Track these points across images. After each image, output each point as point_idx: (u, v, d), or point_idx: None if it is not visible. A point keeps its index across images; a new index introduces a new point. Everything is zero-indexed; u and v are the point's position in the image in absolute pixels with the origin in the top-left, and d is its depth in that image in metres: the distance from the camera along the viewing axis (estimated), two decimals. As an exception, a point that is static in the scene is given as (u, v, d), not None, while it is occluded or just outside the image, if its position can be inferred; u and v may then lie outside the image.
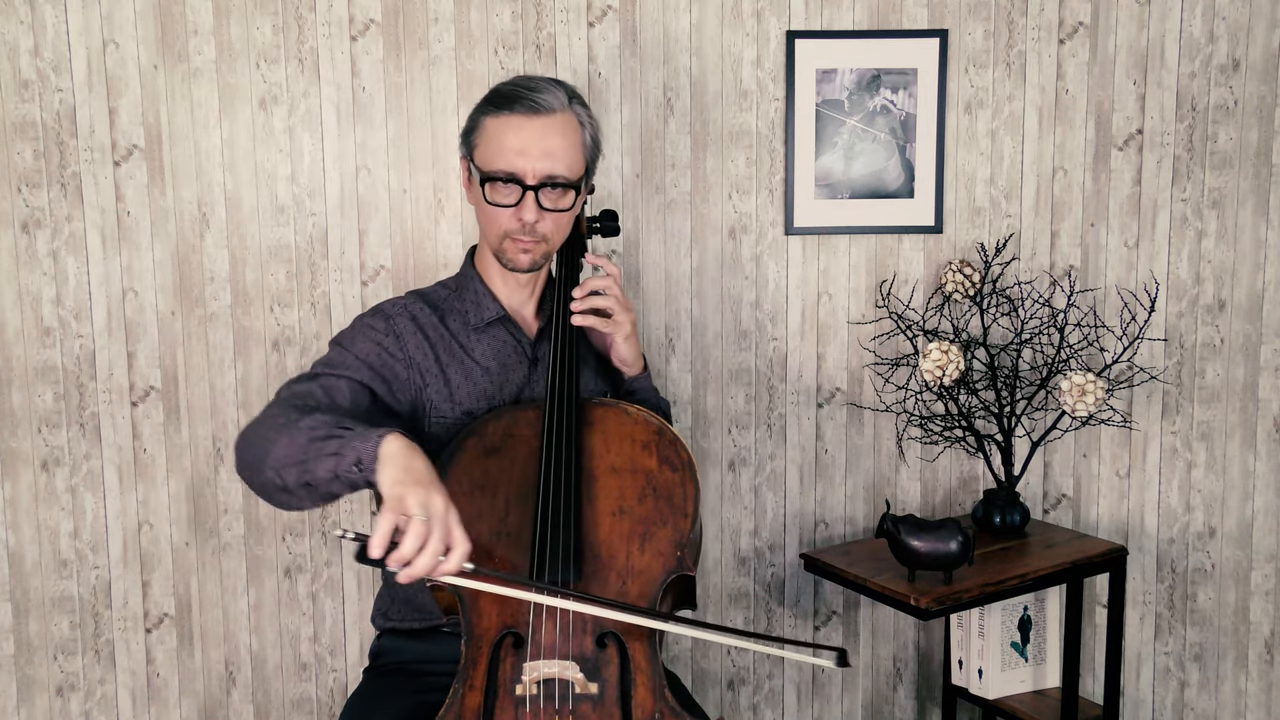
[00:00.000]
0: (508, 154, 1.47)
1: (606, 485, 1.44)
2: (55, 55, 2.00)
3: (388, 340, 1.53)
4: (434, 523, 1.16)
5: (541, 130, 1.47)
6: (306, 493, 1.29)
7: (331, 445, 1.25)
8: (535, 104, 1.47)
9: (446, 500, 1.20)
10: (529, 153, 1.46)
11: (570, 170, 1.49)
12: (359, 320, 1.56)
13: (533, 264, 1.53)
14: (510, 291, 1.60)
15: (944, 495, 2.31)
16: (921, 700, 2.36)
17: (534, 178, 1.47)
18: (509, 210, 1.49)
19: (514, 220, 1.49)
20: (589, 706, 1.32)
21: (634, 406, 1.51)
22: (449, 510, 1.19)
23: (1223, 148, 2.24)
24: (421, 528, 1.15)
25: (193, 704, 2.17)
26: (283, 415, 1.34)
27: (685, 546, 1.40)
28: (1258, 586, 2.35)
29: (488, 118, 1.50)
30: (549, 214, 1.49)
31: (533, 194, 1.47)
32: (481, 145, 1.50)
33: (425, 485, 1.19)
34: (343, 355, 1.51)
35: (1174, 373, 2.30)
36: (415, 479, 1.19)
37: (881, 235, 2.22)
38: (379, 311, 1.57)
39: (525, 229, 1.49)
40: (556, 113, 1.48)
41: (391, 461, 1.21)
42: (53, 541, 2.10)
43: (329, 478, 1.25)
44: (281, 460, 1.28)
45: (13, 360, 2.05)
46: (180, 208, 2.06)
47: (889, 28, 2.16)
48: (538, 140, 1.47)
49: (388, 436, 1.23)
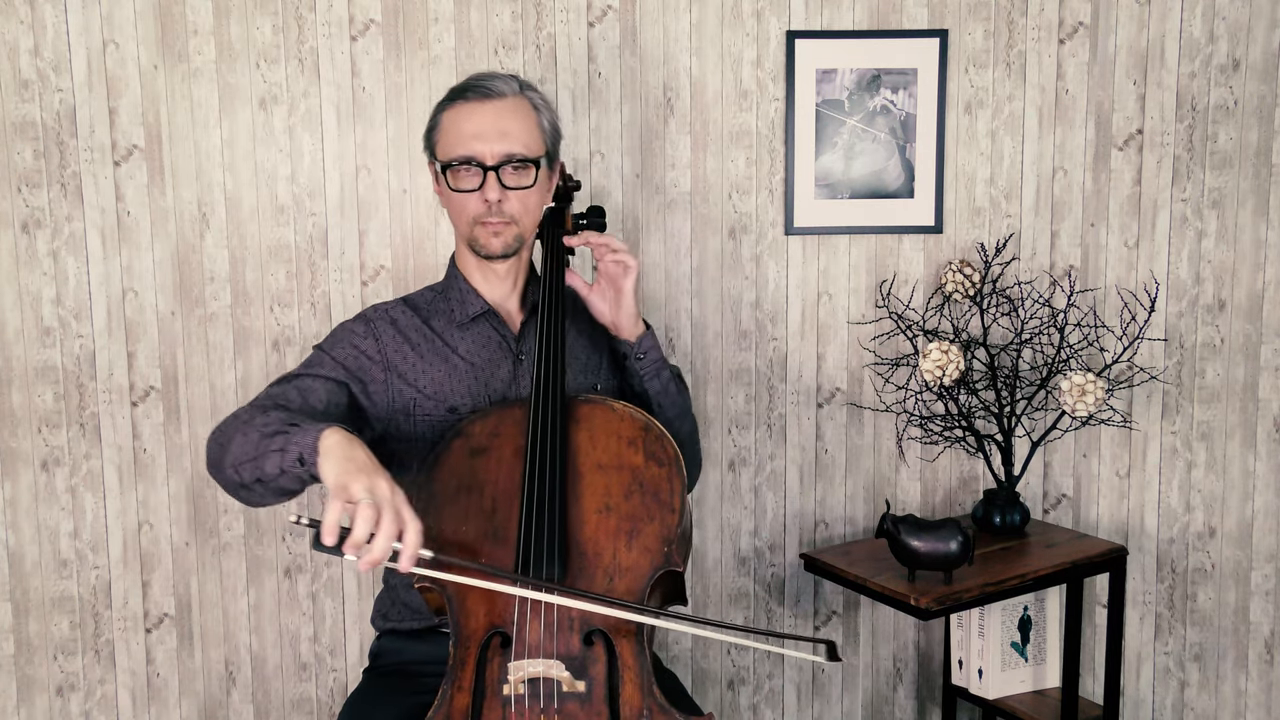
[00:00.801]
0: (465, 139, 1.52)
1: (592, 482, 1.44)
2: (55, 55, 2.00)
3: (365, 343, 1.57)
4: (382, 505, 1.17)
5: (495, 113, 1.52)
6: (262, 489, 1.33)
7: (278, 442, 1.29)
8: (486, 89, 1.53)
9: (392, 484, 1.21)
10: (485, 135, 1.51)
11: (528, 148, 1.53)
12: (342, 324, 1.62)
13: (505, 247, 1.56)
14: (491, 286, 1.63)
15: (944, 495, 2.31)
16: (921, 700, 2.36)
17: (492, 158, 1.51)
18: (474, 195, 1.52)
19: (480, 203, 1.52)
20: (576, 705, 1.32)
21: (620, 403, 1.51)
22: (395, 493, 1.20)
23: (1223, 148, 2.24)
24: (369, 510, 1.16)
25: (193, 704, 2.17)
26: (246, 414, 1.39)
27: (673, 542, 1.40)
28: (1258, 586, 2.35)
29: (443, 113, 1.56)
30: (513, 193, 1.53)
31: (494, 174, 1.51)
32: (440, 139, 1.55)
33: (368, 472, 1.21)
34: (320, 357, 1.56)
35: (1174, 373, 2.30)
36: (357, 467, 1.21)
37: (881, 235, 2.22)
38: (361, 316, 1.62)
39: (492, 210, 1.52)
40: (508, 97, 1.54)
41: (331, 454, 1.24)
42: (53, 541, 2.10)
43: (276, 473, 1.29)
44: (238, 458, 1.33)
45: (13, 360, 2.05)
46: (180, 208, 2.06)
47: (889, 28, 2.16)
48: (492, 123, 1.51)
49: (327, 430, 1.27)
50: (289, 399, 1.47)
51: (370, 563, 1.16)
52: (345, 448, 1.24)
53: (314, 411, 1.47)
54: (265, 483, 1.31)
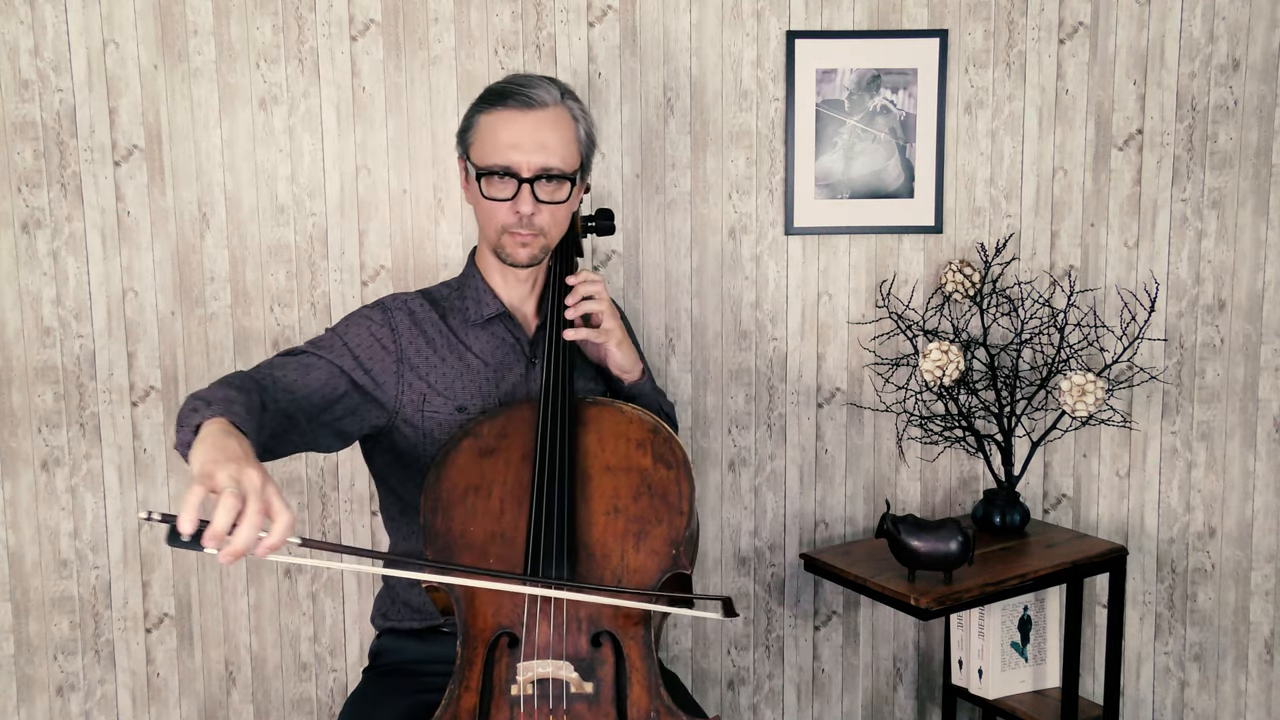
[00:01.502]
0: (502, 148, 1.49)
1: (601, 484, 1.44)
2: (55, 55, 2.00)
3: (382, 331, 1.55)
4: (249, 495, 1.08)
5: (535, 124, 1.49)
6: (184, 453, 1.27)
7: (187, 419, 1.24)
8: (528, 98, 1.49)
9: (263, 475, 1.12)
10: (523, 146, 1.48)
11: (565, 163, 1.50)
12: (359, 310, 1.59)
13: (531, 258, 1.54)
14: (510, 288, 1.62)
15: (944, 495, 2.31)
16: (921, 700, 2.36)
17: (529, 170, 1.48)
18: (506, 204, 1.50)
19: (511, 214, 1.50)
20: (584, 706, 1.32)
21: (629, 405, 1.51)
22: (266, 483, 1.11)
23: (1223, 148, 2.24)
24: (232, 500, 1.06)
25: (193, 704, 2.17)
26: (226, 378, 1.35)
27: (681, 545, 1.40)
28: (1258, 586, 2.35)
29: (481, 115, 1.52)
30: (545, 206, 1.51)
31: (528, 187, 1.48)
32: (476, 142, 1.52)
33: (237, 461, 1.12)
34: (332, 339, 1.53)
35: (1174, 373, 2.30)
36: (227, 456, 1.13)
37: (881, 235, 2.22)
38: (379, 304, 1.59)
39: (522, 222, 1.50)
40: (549, 107, 1.50)
41: (203, 441, 1.17)
42: (53, 541, 2.10)
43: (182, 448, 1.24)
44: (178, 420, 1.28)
45: (13, 360, 2.05)
46: (180, 208, 2.06)
47: (889, 28, 2.16)
48: (531, 134, 1.48)
49: (211, 419, 1.21)
50: (285, 372, 1.45)
51: (232, 554, 1.07)
52: (219, 436, 1.17)
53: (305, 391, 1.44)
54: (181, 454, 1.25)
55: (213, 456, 1.13)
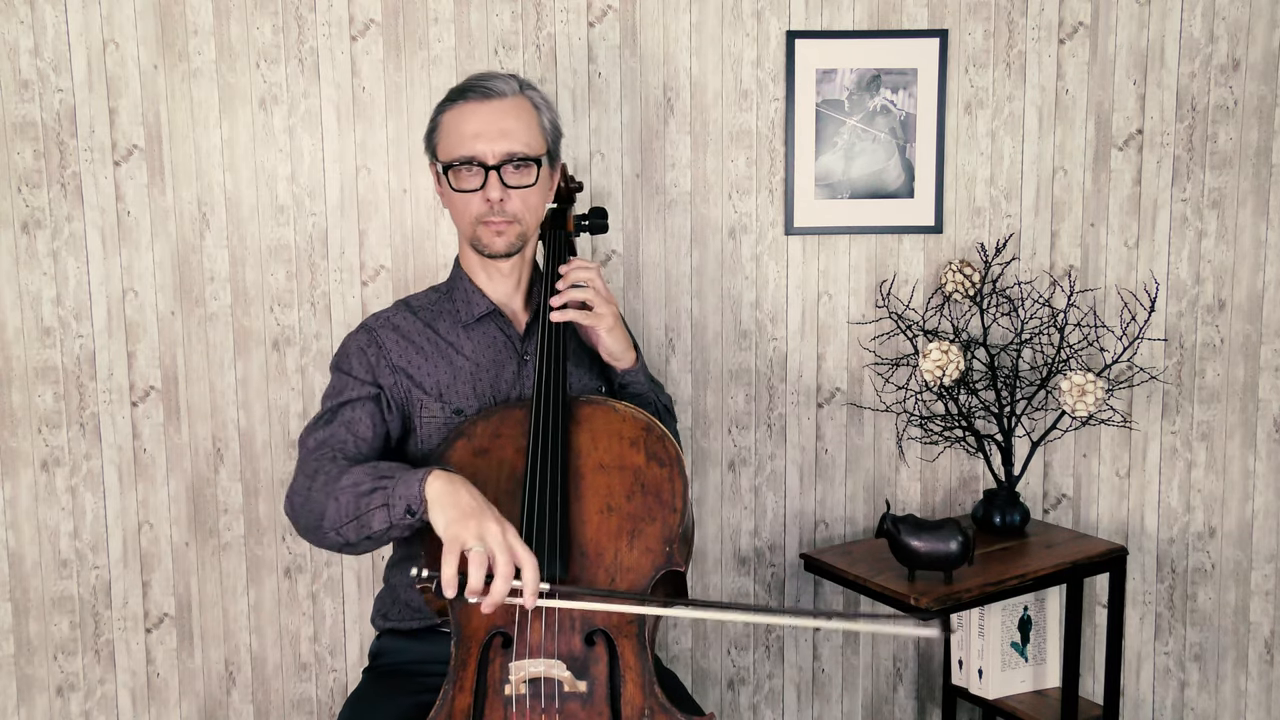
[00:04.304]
0: (466, 139, 1.52)
1: (594, 483, 1.44)
2: (55, 55, 2.00)
3: (371, 351, 1.58)
4: (494, 548, 1.21)
5: (496, 112, 1.52)
6: (371, 543, 1.36)
7: (379, 498, 1.31)
8: (486, 90, 1.53)
9: (501, 522, 1.24)
10: (485, 134, 1.51)
11: (529, 147, 1.53)
12: (347, 339, 1.62)
13: (509, 246, 1.56)
14: (496, 285, 1.63)
15: (944, 495, 2.31)
16: (921, 700, 2.36)
17: (494, 158, 1.51)
18: (476, 195, 1.53)
19: (482, 203, 1.53)
20: (578, 705, 1.32)
21: (622, 403, 1.51)
22: (505, 531, 1.24)
23: (1223, 148, 2.24)
24: (481, 557, 1.19)
25: (193, 704, 2.17)
26: (322, 474, 1.40)
27: (674, 542, 1.40)
28: (1258, 586, 2.35)
29: (444, 114, 1.56)
30: (515, 192, 1.53)
31: (495, 174, 1.51)
32: (442, 140, 1.56)
33: (476, 516, 1.24)
34: (343, 380, 1.56)
35: (1174, 373, 2.30)
36: (464, 513, 1.24)
37: (881, 235, 2.22)
38: (362, 327, 1.62)
39: (494, 210, 1.53)
40: (508, 97, 1.54)
41: (439, 503, 1.27)
42: (53, 541, 2.10)
43: (385, 528, 1.31)
44: (336, 521, 1.35)
45: (13, 360, 2.05)
46: (180, 208, 2.06)
47: (889, 28, 2.16)
48: (493, 122, 1.52)
49: (429, 478, 1.29)
50: (343, 442, 1.48)
51: (491, 604, 1.21)
52: (450, 495, 1.27)
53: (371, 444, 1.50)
54: (374, 539, 1.34)
55: (451, 517, 1.25)
